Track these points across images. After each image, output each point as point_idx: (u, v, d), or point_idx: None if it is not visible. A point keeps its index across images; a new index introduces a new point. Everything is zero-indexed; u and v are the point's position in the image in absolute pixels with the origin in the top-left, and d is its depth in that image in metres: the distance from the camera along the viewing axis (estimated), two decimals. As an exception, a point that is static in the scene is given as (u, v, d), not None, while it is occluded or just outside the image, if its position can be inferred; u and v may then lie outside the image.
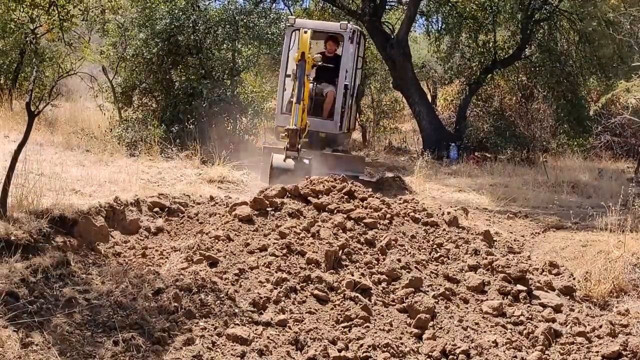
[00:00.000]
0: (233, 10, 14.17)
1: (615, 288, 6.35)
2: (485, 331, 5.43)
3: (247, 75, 15.71)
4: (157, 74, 13.74)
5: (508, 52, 19.19)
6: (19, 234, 5.32)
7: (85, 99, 17.49)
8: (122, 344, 4.46)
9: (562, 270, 6.61)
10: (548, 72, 18.61)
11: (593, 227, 8.59)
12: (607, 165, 16.52)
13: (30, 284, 4.85)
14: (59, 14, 6.19)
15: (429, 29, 20.95)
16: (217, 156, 10.97)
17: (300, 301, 5.47)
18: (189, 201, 7.54)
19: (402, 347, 5.10)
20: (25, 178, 6.19)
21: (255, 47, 14.54)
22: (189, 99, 13.22)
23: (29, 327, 4.41)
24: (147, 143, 11.88)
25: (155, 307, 4.98)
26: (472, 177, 13.95)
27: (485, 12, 18.59)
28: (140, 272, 5.44)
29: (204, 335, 4.79)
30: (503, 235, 8.18)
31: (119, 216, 6.58)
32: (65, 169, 8.49)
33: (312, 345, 4.97)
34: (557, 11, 18.44)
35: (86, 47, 15.34)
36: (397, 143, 19.95)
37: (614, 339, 5.49)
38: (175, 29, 13.39)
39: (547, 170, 14.30)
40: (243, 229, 6.31)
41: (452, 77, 20.86)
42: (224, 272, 5.64)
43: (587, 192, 12.46)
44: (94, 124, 13.76)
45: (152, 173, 10.09)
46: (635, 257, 6.83)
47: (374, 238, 6.38)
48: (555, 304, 5.91)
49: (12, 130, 11.45)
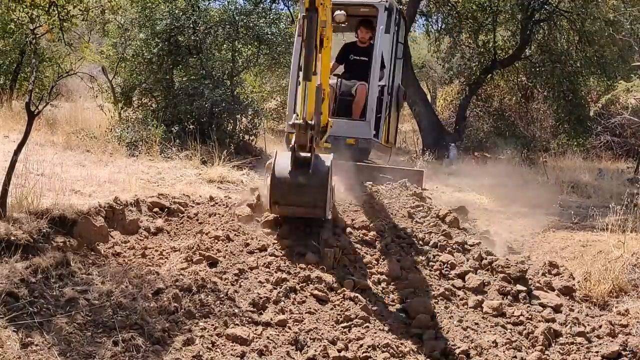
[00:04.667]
0: (233, 10, 14.18)
1: (614, 288, 6.35)
2: (485, 331, 5.43)
3: (247, 75, 15.70)
4: (157, 74, 13.75)
5: (508, 52, 19.20)
6: (18, 234, 5.31)
7: (85, 99, 17.48)
8: (122, 344, 4.46)
9: (562, 271, 6.60)
10: (548, 72, 18.64)
11: (593, 227, 8.59)
12: (607, 165, 16.54)
13: (30, 284, 4.85)
14: (59, 14, 6.20)
15: (428, 29, 20.96)
16: (217, 156, 10.96)
17: (300, 301, 5.47)
18: (188, 201, 7.53)
19: (402, 347, 5.10)
20: (25, 178, 6.19)
21: (255, 47, 14.55)
22: (189, 99, 13.22)
23: (29, 328, 4.41)
24: (147, 143, 11.87)
25: (155, 307, 4.98)
26: (471, 177, 13.94)
27: (485, 12, 18.60)
28: (140, 273, 5.44)
29: (203, 336, 4.79)
30: (503, 235, 8.18)
31: (119, 216, 6.57)
32: (65, 169, 8.48)
33: (311, 345, 4.97)
34: (557, 11, 18.44)
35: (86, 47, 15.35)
36: (397, 143, 19.92)
37: (613, 339, 5.50)
38: (176, 29, 13.40)
39: (546, 170, 14.32)
40: (243, 229, 6.31)
41: (451, 77, 20.88)
42: (224, 272, 5.64)
43: (587, 192, 12.48)
44: (94, 124, 13.74)
45: (151, 173, 10.08)
46: (635, 257, 6.83)
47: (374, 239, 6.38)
48: (555, 304, 5.91)
49: (12, 130, 11.44)
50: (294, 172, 5.88)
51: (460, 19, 18.97)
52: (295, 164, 5.88)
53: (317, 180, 5.86)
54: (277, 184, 5.92)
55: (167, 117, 13.21)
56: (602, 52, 18.23)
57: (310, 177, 5.85)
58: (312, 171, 5.86)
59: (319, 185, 5.87)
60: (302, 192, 5.86)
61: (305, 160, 5.89)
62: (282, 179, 5.89)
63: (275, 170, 5.93)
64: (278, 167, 5.94)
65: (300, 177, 5.85)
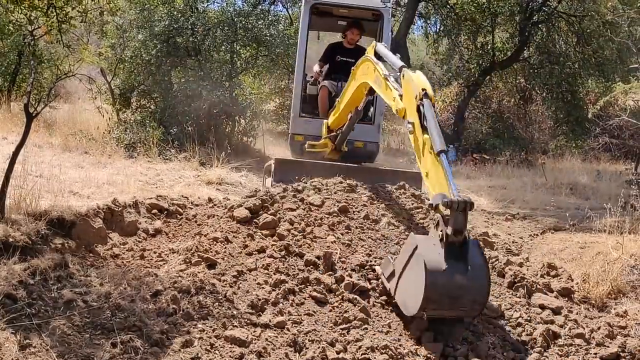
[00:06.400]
0: (231, 12, 14.21)
1: (613, 290, 6.35)
2: (484, 333, 5.43)
3: (245, 77, 15.72)
4: (155, 76, 13.76)
5: (506, 54, 19.23)
6: (17, 235, 5.31)
7: (83, 100, 17.49)
8: (121, 346, 4.45)
9: (561, 272, 6.60)
10: (547, 74, 18.68)
11: (591, 228, 8.60)
12: (605, 167, 16.55)
13: (29, 286, 4.85)
14: (58, 16, 6.19)
15: (427, 31, 21.00)
16: (216, 158, 10.97)
17: (298, 303, 5.47)
18: (187, 203, 7.53)
19: (401, 349, 5.10)
20: (24, 180, 6.19)
21: (253, 48, 14.56)
22: (188, 101, 13.23)
23: (27, 330, 4.40)
24: (146, 145, 11.88)
25: (153, 309, 4.97)
26: (470, 178, 13.97)
27: (483, 14, 18.62)
28: (138, 274, 5.44)
29: (202, 337, 4.79)
30: (501, 236, 8.18)
31: (117, 218, 6.56)
32: (63, 171, 8.48)
33: (310, 347, 4.97)
34: (556, 13, 18.48)
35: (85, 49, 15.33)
36: (396, 144, 19.96)
37: (612, 340, 5.50)
38: (174, 31, 13.41)
39: (545, 172, 14.32)
40: (241, 231, 6.31)
41: (450, 79, 20.91)
42: (222, 273, 5.63)
43: (585, 194, 12.49)
44: (93, 126, 13.76)
45: (150, 175, 10.09)
46: (633, 258, 6.83)
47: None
48: (554, 306, 5.91)
49: (10, 132, 11.44)
50: (450, 270, 4.73)
51: (459, 21, 19.00)
52: (450, 258, 4.75)
53: (478, 279, 4.82)
54: (432, 290, 4.72)
55: (166, 119, 13.22)
56: (601, 53, 18.27)
57: (470, 274, 4.77)
58: (470, 266, 4.77)
59: (480, 285, 4.84)
60: (461, 295, 4.81)
61: (461, 252, 4.79)
62: (437, 281, 4.71)
63: (427, 272, 4.71)
64: (430, 265, 4.73)
65: (458, 276, 4.75)
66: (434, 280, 4.71)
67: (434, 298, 4.78)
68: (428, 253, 4.80)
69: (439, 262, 4.74)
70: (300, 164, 7.98)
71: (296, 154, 8.98)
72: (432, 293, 4.75)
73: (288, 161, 8.31)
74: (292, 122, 9.19)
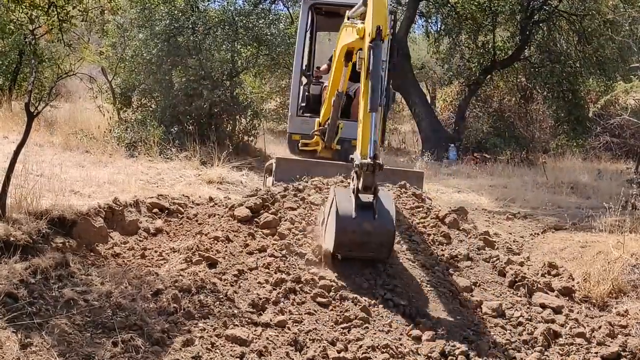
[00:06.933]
0: (232, 11, 14.20)
1: (614, 289, 6.35)
2: (485, 332, 5.43)
3: (246, 76, 15.72)
4: (156, 75, 13.76)
5: (507, 52, 19.22)
6: (18, 234, 5.31)
7: (84, 99, 17.49)
8: (122, 345, 4.46)
9: (561, 271, 6.60)
10: (548, 73, 18.66)
11: (592, 227, 8.59)
12: (606, 166, 16.54)
13: (30, 285, 4.85)
14: (58, 15, 6.19)
15: (428, 30, 21.01)
16: (216, 157, 10.97)
17: (299, 302, 5.47)
18: (188, 202, 7.54)
19: (402, 348, 5.10)
20: (25, 179, 6.19)
21: (254, 48, 14.56)
22: (188, 100, 13.23)
23: (28, 328, 4.41)
24: (147, 144, 11.88)
25: (154, 308, 4.97)
26: (471, 177, 13.97)
27: (484, 13, 18.62)
28: (139, 273, 5.44)
29: (203, 336, 4.79)
30: (502, 236, 8.18)
31: (118, 217, 6.57)
32: (64, 170, 8.48)
33: (311, 346, 4.97)
34: (557, 12, 18.47)
35: (85, 48, 15.34)
36: (397, 144, 19.97)
37: (613, 339, 5.50)
38: (175, 30, 13.41)
39: (546, 171, 14.32)
40: (242, 230, 6.31)
41: (451, 78, 20.90)
42: (223, 273, 5.63)
43: (586, 193, 12.48)
44: (93, 125, 13.76)
45: (151, 174, 10.09)
46: (634, 257, 6.83)
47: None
48: (555, 305, 5.91)
49: (11, 131, 11.45)
50: (359, 218, 5.41)
51: (460, 20, 18.99)
52: (359, 208, 5.42)
53: (384, 226, 5.46)
54: (342, 233, 5.46)
55: (166, 118, 13.22)
56: (602, 51, 18.26)
57: (377, 223, 5.43)
58: (377, 216, 5.42)
59: (386, 231, 5.50)
60: (369, 240, 5.49)
61: (369, 205, 5.44)
62: (347, 227, 5.42)
63: (338, 217, 5.43)
64: (341, 212, 5.43)
65: (366, 223, 5.42)
66: (343, 225, 5.44)
67: (344, 241, 5.52)
68: (342, 202, 5.50)
69: (350, 210, 5.43)
70: (301, 163, 7.99)
71: (294, 153, 9.01)
72: (342, 237, 5.48)
73: (289, 160, 8.32)
74: (290, 122, 9.34)
